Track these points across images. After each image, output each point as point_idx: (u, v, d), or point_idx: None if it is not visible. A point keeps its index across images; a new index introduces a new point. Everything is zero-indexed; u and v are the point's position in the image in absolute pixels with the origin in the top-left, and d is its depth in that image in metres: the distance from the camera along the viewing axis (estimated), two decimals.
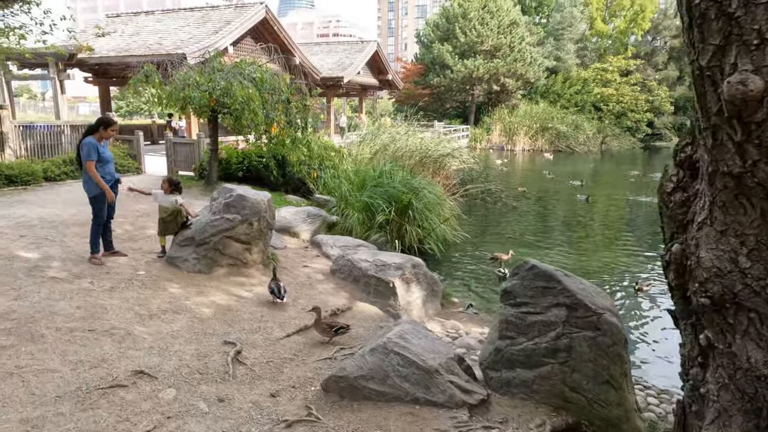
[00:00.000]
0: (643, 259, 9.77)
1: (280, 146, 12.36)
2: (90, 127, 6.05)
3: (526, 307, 3.65)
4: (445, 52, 36.06)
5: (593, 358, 3.39)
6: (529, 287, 3.67)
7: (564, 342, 3.45)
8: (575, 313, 3.49)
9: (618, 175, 23.18)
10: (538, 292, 3.64)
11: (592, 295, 3.57)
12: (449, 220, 9.79)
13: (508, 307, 3.73)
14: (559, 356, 3.46)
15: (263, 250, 6.67)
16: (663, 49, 44.45)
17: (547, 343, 3.50)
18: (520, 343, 3.61)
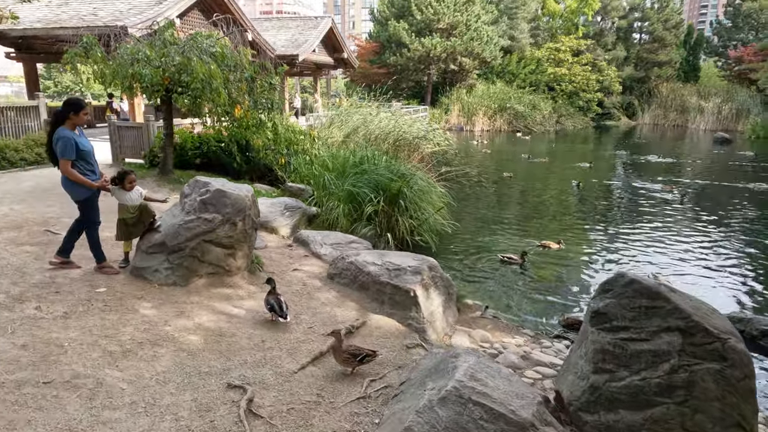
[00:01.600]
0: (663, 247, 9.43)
1: (243, 129, 11.15)
2: (57, 114, 4.82)
3: (627, 333, 2.92)
4: (402, 30, 35.00)
5: (720, 396, 2.72)
6: (629, 307, 2.94)
7: (682, 377, 2.76)
8: (692, 339, 2.80)
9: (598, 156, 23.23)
10: (641, 313, 2.92)
11: (708, 316, 2.88)
12: (442, 210, 9.02)
13: (602, 332, 2.99)
14: (676, 395, 2.77)
15: (248, 254, 5.66)
16: (611, 30, 45.28)
17: (659, 378, 2.79)
18: (622, 378, 2.89)
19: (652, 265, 8.13)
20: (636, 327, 2.91)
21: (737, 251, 9.08)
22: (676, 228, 10.57)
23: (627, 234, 10.06)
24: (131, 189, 5.18)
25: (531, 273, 7.75)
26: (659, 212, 11.91)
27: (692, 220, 11.25)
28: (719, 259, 8.65)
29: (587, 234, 9.90)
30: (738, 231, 10.47)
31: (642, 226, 10.59)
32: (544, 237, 9.38)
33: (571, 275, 7.72)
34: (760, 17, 44.61)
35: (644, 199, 13.44)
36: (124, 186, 5.14)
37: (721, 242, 9.62)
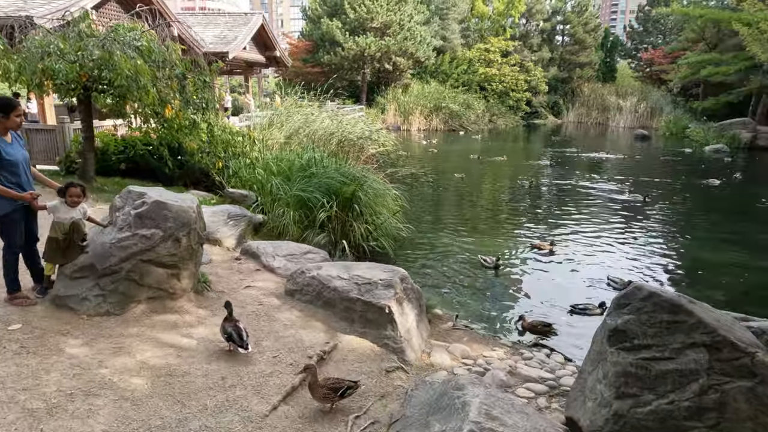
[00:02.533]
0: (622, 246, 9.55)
1: (175, 131, 10.23)
2: None
3: (649, 351, 2.66)
4: (335, 29, 34.39)
5: (753, 416, 2.51)
6: (650, 323, 2.68)
7: (713, 398, 2.52)
8: (719, 354, 2.57)
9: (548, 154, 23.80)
10: (663, 328, 2.66)
11: (731, 327, 2.67)
12: (398, 213, 8.64)
13: (623, 352, 2.70)
14: (707, 417, 2.53)
15: (194, 273, 4.99)
16: (536, 32, 47.08)
17: (689, 400, 2.54)
18: (647, 402, 2.61)
19: (619, 266, 8.18)
20: (659, 345, 2.65)
21: (704, 247, 9.32)
22: (640, 226, 10.69)
23: (589, 233, 10.06)
24: (75, 205, 4.38)
25: (492, 276, 7.56)
26: (621, 211, 11.98)
27: (658, 220, 11.34)
28: (690, 255, 8.89)
29: (547, 234, 9.87)
30: (702, 226, 10.80)
31: (603, 226, 10.61)
32: (502, 238, 9.27)
33: (535, 277, 7.60)
34: (667, 22, 48.11)
35: (603, 200, 13.27)
36: (66, 201, 4.35)
37: (689, 237, 9.91)
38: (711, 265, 8.29)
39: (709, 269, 8.16)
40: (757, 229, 10.67)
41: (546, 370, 4.37)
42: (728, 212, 12.35)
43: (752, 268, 8.04)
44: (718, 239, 9.83)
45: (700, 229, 10.63)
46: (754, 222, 11.47)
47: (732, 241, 9.64)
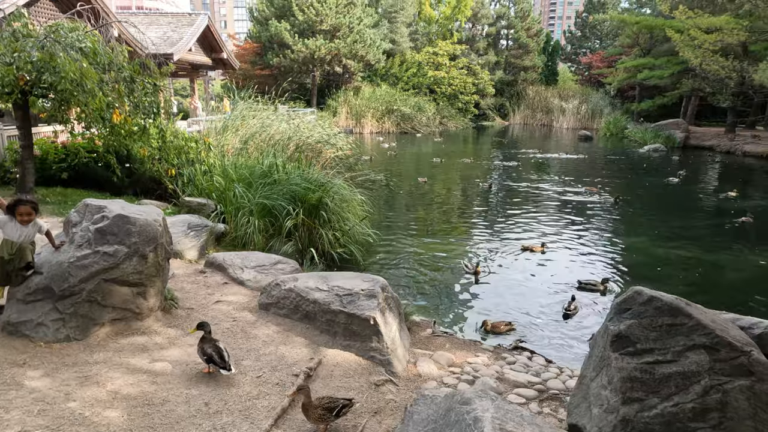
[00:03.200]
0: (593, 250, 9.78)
1: (123, 137, 9.68)
2: None
3: (652, 355, 2.68)
4: (284, 31, 33.82)
5: (753, 414, 2.58)
6: (651, 327, 2.71)
7: (715, 398, 2.57)
8: (717, 355, 2.63)
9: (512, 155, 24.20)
10: (664, 332, 2.70)
11: (726, 327, 2.74)
12: (365, 219, 8.52)
13: (627, 357, 2.72)
14: (710, 418, 2.58)
15: (162, 290, 4.68)
16: (482, 36, 48.22)
17: (693, 402, 2.58)
18: (653, 405, 2.63)
19: (591, 266, 8.39)
20: (661, 348, 2.68)
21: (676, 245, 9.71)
22: (613, 227, 10.94)
23: (564, 235, 10.20)
24: (26, 222, 3.98)
25: (464, 280, 7.58)
26: (594, 213, 12.16)
27: (629, 221, 11.57)
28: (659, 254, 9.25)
29: (516, 236, 9.99)
30: (667, 223, 11.24)
31: (576, 228, 10.82)
32: (472, 242, 9.34)
33: (510, 279, 7.68)
34: (603, 28, 50.55)
35: (574, 202, 13.32)
36: (16, 219, 3.95)
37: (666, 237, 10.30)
38: (678, 260, 8.67)
39: (675, 264, 8.52)
40: (711, 223, 11.39)
41: (531, 373, 4.39)
42: (689, 209, 13.01)
43: (705, 261, 8.50)
44: (675, 235, 10.31)
45: (665, 226, 11.12)
46: (706, 216, 12.19)
47: (694, 237, 10.18)
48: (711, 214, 12.34)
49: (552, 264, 8.34)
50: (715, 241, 9.88)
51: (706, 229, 10.91)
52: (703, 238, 10.16)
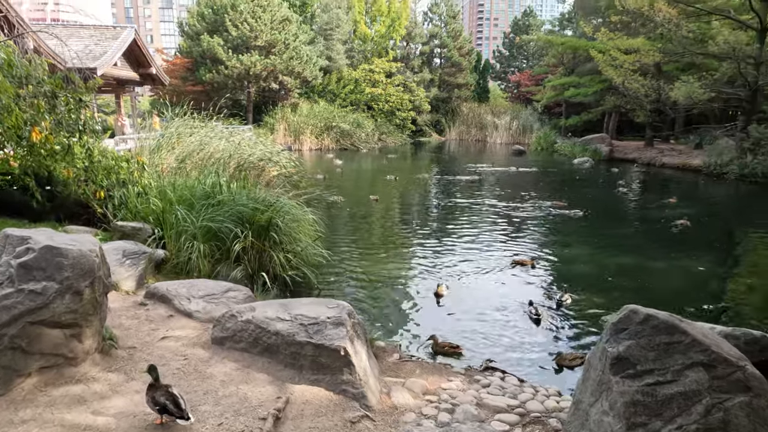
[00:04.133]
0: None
1: (44, 157, 8.80)
2: None
3: (652, 376, 2.59)
4: (217, 46, 32.83)
5: (753, 430, 2.52)
6: (650, 347, 2.62)
7: (717, 417, 2.51)
8: (714, 372, 2.58)
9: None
10: (662, 351, 2.62)
11: (718, 342, 2.70)
12: (318, 240, 8.17)
13: (628, 380, 2.60)
14: None
15: (99, 330, 4.14)
16: (417, 55, 49.30)
17: (696, 423, 2.50)
18: (657, 429, 2.53)
19: (553, 281, 8.45)
20: (660, 368, 2.59)
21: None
22: (581, 240, 11.04)
23: (536, 249, 10.17)
24: None
25: (423, 300, 7.41)
26: (563, 229, 12.18)
27: (596, 233, 11.74)
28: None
29: (478, 253, 9.92)
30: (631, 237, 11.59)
31: (539, 242, 10.86)
32: (428, 260, 9.20)
33: (465, 295, 7.58)
34: (529, 48, 53.28)
35: (543, 217, 13.33)
36: None
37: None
38: (630, 268, 8.95)
39: (628, 271, 8.78)
40: (657, 228, 12.00)
41: (509, 395, 4.24)
42: (641, 217, 13.64)
43: (652, 269, 8.84)
44: (629, 244, 10.71)
45: (619, 235, 11.56)
46: (654, 222, 12.81)
47: (643, 244, 10.64)
48: (656, 221, 12.97)
49: (512, 279, 8.36)
50: (663, 247, 10.39)
51: (654, 234, 11.55)
52: (652, 243, 10.68)
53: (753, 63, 20.11)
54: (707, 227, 12.64)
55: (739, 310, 7.10)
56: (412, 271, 8.66)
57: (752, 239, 11.65)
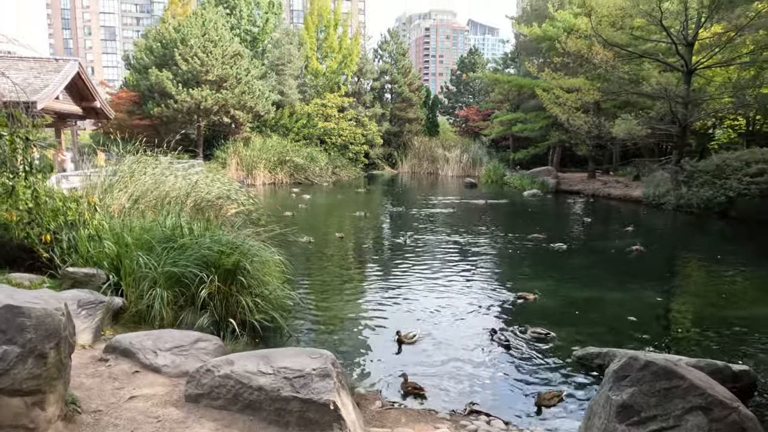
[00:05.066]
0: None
1: None
2: None
3: (656, 423, 2.64)
4: (166, 80, 32.22)
5: None
6: (651, 393, 2.68)
7: None
8: (712, 414, 2.67)
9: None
10: (662, 396, 2.68)
11: (712, 384, 2.80)
12: (286, 282, 7.95)
13: (633, 427, 2.64)
14: None
15: (63, 395, 3.80)
16: (368, 90, 50.27)
17: None
18: None
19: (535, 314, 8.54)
20: (662, 414, 2.65)
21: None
22: (558, 275, 11.06)
23: (492, 289, 10.10)
24: None
25: (396, 342, 7.31)
26: (547, 262, 12.24)
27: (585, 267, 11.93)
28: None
29: (445, 291, 9.90)
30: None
31: (515, 275, 10.94)
32: (397, 299, 9.12)
33: (436, 335, 7.54)
34: (475, 85, 55.63)
35: (524, 250, 13.39)
36: None
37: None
38: (593, 301, 9.21)
39: (591, 305, 9.04)
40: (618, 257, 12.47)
41: None
42: (604, 249, 14.12)
43: (611, 300, 9.16)
44: (593, 276, 11.04)
45: (590, 266, 11.91)
46: (618, 252, 13.31)
47: (605, 275, 10.98)
48: (619, 250, 13.48)
49: (486, 317, 8.40)
50: (626, 276, 10.81)
51: (622, 264, 12.01)
52: (621, 274, 11.10)
53: (682, 102, 21.81)
54: (657, 255, 13.33)
55: (697, 340, 7.44)
56: (382, 311, 8.55)
57: (697, 267, 12.39)
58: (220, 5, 46.82)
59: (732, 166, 19.30)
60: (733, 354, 6.73)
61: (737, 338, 7.40)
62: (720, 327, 7.85)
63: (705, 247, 15.04)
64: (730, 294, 9.93)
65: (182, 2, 44.60)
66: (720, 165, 19.81)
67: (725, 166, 19.53)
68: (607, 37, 23.26)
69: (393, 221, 19.13)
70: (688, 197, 20.48)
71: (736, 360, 6.35)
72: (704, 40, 22.47)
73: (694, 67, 22.07)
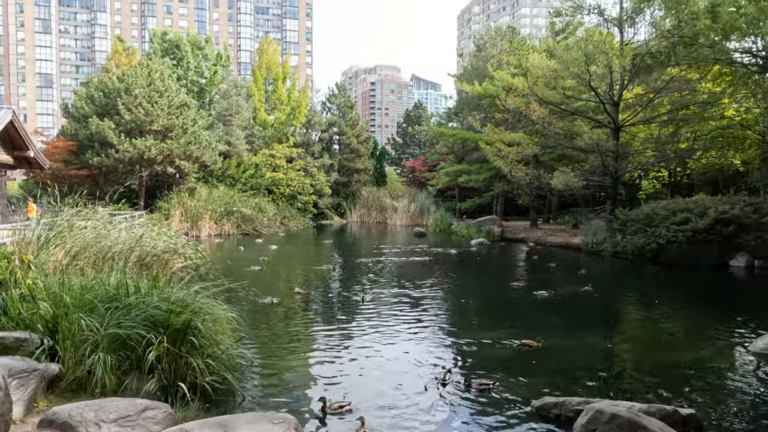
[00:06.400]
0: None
1: None
2: None
3: None
4: (107, 129, 31.28)
5: None
6: None
7: None
8: None
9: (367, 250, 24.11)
10: None
11: (667, 431, 2.92)
12: (241, 339, 7.64)
13: None
14: None
15: None
16: (316, 141, 50.92)
17: None
18: None
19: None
20: None
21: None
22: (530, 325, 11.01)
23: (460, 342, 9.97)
24: None
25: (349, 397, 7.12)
26: (526, 314, 12.28)
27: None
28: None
29: (399, 347, 9.79)
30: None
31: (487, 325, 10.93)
32: (352, 358, 8.93)
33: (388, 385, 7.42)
34: (421, 137, 57.67)
35: (505, 300, 13.46)
36: None
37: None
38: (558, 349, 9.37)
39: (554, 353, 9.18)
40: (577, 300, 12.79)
41: None
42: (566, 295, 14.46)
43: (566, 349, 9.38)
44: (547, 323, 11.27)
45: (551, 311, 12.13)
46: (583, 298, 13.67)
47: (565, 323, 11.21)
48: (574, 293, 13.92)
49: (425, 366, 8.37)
50: (573, 322, 11.12)
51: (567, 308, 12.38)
52: (565, 318, 11.41)
53: (612, 156, 23.53)
54: (601, 301, 13.90)
55: (646, 383, 7.71)
56: (341, 368, 8.35)
57: (638, 311, 13.00)
58: (167, 56, 46.77)
59: (660, 215, 20.75)
60: (679, 396, 7.03)
61: (681, 380, 7.74)
62: (664, 370, 8.21)
63: (643, 292, 15.86)
64: (669, 336, 10.44)
65: (127, 52, 44.19)
66: (649, 214, 21.25)
67: (654, 215, 20.97)
68: (542, 96, 25.03)
69: (354, 273, 18.86)
70: (623, 244, 21.71)
71: (683, 403, 6.63)
72: (628, 100, 24.63)
73: (620, 124, 24.02)
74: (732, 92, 22.19)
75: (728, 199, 20.72)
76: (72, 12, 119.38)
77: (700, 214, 19.59)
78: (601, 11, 23.44)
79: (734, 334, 10.47)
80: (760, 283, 17.29)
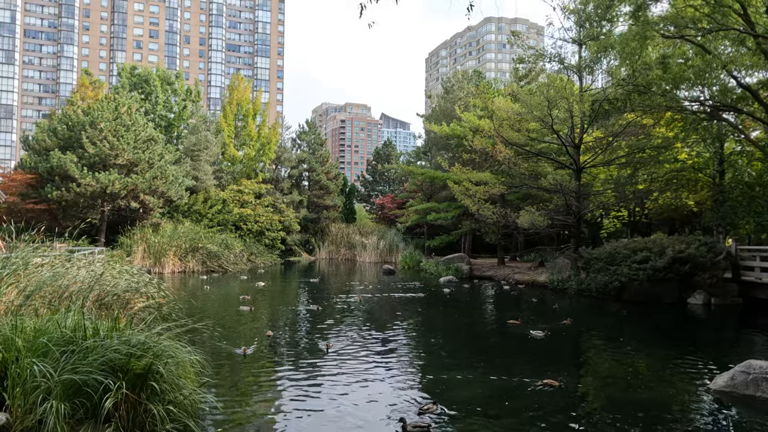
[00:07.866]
0: None
1: None
2: None
3: None
4: (69, 162, 30.45)
5: None
6: None
7: None
8: None
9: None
10: None
11: None
12: (205, 383, 7.35)
13: None
14: None
15: None
16: (286, 177, 50.87)
17: None
18: None
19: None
20: None
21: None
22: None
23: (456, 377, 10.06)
24: None
25: None
26: (516, 352, 12.32)
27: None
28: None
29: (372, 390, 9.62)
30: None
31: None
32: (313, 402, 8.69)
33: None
34: (390, 175, 58.36)
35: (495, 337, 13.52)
36: None
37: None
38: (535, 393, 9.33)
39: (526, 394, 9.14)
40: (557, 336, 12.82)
41: None
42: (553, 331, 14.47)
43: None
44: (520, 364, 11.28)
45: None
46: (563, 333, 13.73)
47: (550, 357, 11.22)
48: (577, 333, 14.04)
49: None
50: (533, 364, 11.14)
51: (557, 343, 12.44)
52: (521, 359, 11.43)
53: (575, 196, 24.34)
54: (567, 340, 14.06)
55: (615, 423, 7.77)
56: (308, 413, 8.10)
57: (604, 350, 13.18)
58: (136, 90, 46.45)
59: (621, 253, 21.38)
60: None
61: (649, 419, 7.83)
62: (627, 408, 8.31)
63: (608, 330, 16.14)
64: (635, 374, 10.60)
65: (93, 85, 43.65)
66: (611, 252, 21.88)
67: (616, 254, 21.60)
68: (507, 137, 25.90)
69: (349, 312, 18.24)
70: (587, 282, 22.19)
71: None
72: (588, 143, 25.73)
73: (582, 166, 24.98)
74: (684, 137, 23.49)
75: (684, 238, 21.56)
76: (38, 44, 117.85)
77: (659, 253, 20.27)
78: (561, 59, 24.70)
79: (694, 371, 10.73)
80: (717, 320, 17.88)
